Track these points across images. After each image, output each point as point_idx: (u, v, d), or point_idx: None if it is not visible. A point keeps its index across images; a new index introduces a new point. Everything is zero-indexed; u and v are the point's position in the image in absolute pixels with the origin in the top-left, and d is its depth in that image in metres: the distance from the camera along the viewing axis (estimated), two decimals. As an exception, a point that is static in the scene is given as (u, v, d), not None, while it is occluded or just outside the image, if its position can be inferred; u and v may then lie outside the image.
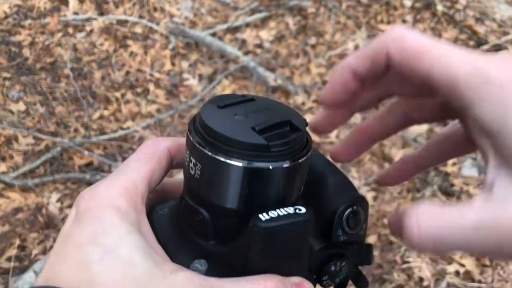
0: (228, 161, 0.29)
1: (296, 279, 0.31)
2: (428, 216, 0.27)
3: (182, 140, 0.35)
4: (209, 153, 0.29)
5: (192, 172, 0.31)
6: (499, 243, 0.25)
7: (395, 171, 0.40)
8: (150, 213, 0.34)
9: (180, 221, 0.33)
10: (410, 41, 0.29)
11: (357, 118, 2.15)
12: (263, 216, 0.29)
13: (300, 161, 0.30)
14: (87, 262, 0.27)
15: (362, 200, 0.35)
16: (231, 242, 0.31)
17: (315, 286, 0.35)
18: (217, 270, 0.30)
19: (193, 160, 0.31)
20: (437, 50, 0.28)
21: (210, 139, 0.30)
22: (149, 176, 0.32)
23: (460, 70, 0.26)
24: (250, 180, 0.29)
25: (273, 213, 0.29)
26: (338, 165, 0.37)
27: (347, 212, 0.34)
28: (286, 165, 0.29)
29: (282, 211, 0.30)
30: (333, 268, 0.35)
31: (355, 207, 0.34)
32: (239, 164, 0.29)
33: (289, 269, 0.31)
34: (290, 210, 0.30)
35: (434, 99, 0.33)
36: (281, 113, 0.32)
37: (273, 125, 0.30)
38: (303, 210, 0.30)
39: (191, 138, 0.30)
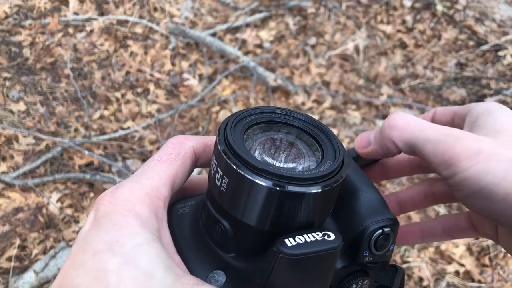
0: (257, 181, 0.28)
1: None
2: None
3: (208, 139, 0.34)
4: (238, 169, 0.28)
5: (218, 183, 0.30)
6: None
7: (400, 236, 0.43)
8: (170, 210, 0.33)
9: (201, 226, 0.32)
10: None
11: (357, 118, 2.15)
12: (289, 242, 0.27)
13: (332, 186, 0.29)
14: (104, 271, 0.26)
15: (394, 222, 0.33)
16: (252, 259, 0.30)
17: None
18: (235, 284, 0.29)
19: (220, 172, 0.29)
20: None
21: (240, 153, 0.28)
22: (172, 179, 0.31)
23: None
24: (282, 203, 0.28)
25: (300, 239, 0.28)
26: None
27: (377, 233, 0.32)
28: (318, 190, 0.28)
29: (309, 237, 0.28)
30: (354, 286, 0.33)
31: (385, 230, 0.32)
32: (269, 185, 0.27)
33: None
34: (319, 236, 0.28)
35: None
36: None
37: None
38: (332, 236, 0.28)
39: (219, 149, 0.29)
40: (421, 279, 1.59)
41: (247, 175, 0.28)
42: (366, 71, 2.38)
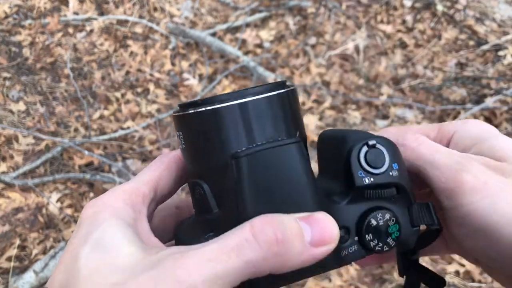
0: (200, 109, 0.29)
1: (302, 214, 0.27)
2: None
3: None
4: (186, 112, 0.30)
5: (181, 146, 0.32)
6: None
7: (376, 256, 0.40)
8: (178, 226, 0.34)
9: (195, 216, 0.33)
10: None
11: (357, 118, 2.15)
12: (242, 148, 0.28)
13: (274, 93, 0.29)
14: (76, 260, 0.27)
15: (380, 137, 0.32)
16: (229, 203, 0.29)
17: (359, 253, 0.30)
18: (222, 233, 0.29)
19: (177, 133, 0.31)
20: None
21: (185, 104, 0.31)
22: (154, 181, 0.33)
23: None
24: (229, 119, 0.29)
25: (256, 144, 0.28)
26: None
27: (362, 149, 0.31)
28: (258, 97, 0.29)
29: (263, 142, 0.28)
30: (373, 222, 0.30)
31: (370, 142, 0.31)
32: (211, 107, 0.29)
33: (290, 206, 0.27)
34: (273, 139, 0.28)
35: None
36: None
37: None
38: (288, 138, 0.29)
39: (173, 116, 0.32)
40: (421, 279, 1.59)
41: (191, 110, 0.29)
42: (366, 71, 2.38)
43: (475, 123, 0.36)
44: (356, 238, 0.30)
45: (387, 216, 0.30)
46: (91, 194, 1.80)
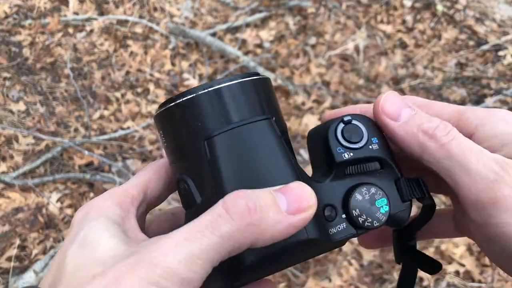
0: (175, 102, 0.30)
1: (276, 187, 0.26)
2: None
3: None
4: (160, 110, 0.31)
5: (164, 145, 0.32)
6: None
7: (376, 239, 0.39)
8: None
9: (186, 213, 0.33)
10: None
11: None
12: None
13: (246, 79, 0.30)
14: (63, 258, 0.28)
15: (355, 114, 0.32)
16: (208, 188, 0.29)
17: (354, 232, 0.30)
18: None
19: (159, 134, 0.33)
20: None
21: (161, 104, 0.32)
22: (144, 184, 0.34)
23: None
24: (203, 106, 0.29)
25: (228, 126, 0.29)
26: None
27: (338, 125, 0.31)
28: (230, 83, 0.30)
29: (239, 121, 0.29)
30: (359, 196, 0.30)
31: (345, 118, 0.31)
32: (185, 98, 0.30)
33: (266, 183, 0.27)
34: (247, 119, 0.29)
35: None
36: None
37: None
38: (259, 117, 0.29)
39: (154, 120, 0.33)
40: (421, 279, 1.59)
41: (166, 106, 0.31)
42: (366, 71, 2.38)
43: (503, 116, 0.31)
44: (343, 215, 0.30)
45: (373, 190, 0.30)
46: (91, 194, 1.80)
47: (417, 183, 0.31)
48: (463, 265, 1.61)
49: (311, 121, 2.08)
